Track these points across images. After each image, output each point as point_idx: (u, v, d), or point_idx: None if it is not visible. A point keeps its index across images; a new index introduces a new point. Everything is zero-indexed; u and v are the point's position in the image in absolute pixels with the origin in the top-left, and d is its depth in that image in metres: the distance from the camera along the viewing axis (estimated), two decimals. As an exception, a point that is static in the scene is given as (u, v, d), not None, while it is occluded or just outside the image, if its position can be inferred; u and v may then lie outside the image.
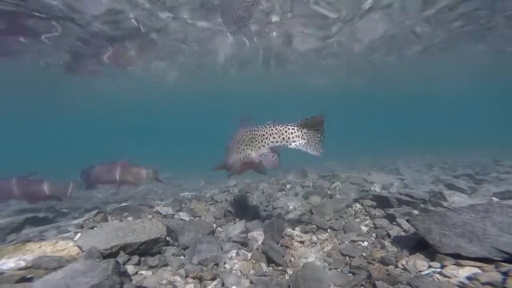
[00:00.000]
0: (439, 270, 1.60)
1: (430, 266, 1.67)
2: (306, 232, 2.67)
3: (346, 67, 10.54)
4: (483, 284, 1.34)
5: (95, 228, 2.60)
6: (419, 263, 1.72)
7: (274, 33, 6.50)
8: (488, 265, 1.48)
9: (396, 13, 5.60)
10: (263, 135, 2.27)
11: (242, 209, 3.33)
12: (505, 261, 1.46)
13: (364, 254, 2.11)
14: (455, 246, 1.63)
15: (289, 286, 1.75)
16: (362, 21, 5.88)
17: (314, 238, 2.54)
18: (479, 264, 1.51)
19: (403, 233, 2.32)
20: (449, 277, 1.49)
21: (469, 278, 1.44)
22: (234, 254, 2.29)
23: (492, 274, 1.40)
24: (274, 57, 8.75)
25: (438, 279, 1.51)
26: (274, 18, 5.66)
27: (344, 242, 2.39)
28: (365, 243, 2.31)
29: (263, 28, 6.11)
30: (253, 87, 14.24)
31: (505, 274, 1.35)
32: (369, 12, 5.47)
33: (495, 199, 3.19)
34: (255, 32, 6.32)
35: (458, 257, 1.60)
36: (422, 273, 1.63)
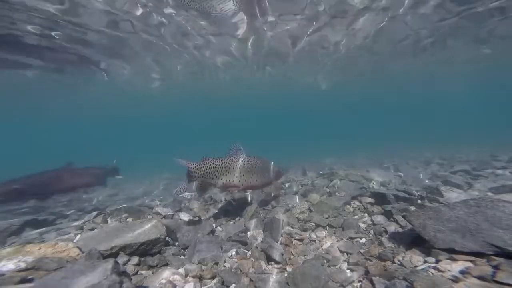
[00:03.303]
0: (434, 264, 1.63)
1: (425, 261, 1.71)
2: (305, 230, 2.70)
3: (344, 65, 10.56)
4: (475, 277, 1.37)
5: (95, 230, 2.62)
6: (415, 258, 1.76)
7: (272, 32, 6.50)
8: (480, 259, 1.52)
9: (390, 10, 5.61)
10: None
11: (242, 208, 3.35)
12: (497, 255, 1.50)
13: (362, 250, 2.14)
14: (449, 241, 1.66)
15: (287, 283, 1.77)
16: (359, 19, 5.89)
17: (313, 235, 2.57)
18: (472, 258, 1.54)
19: (400, 229, 2.35)
20: (443, 272, 1.52)
21: (462, 272, 1.47)
22: (233, 253, 2.32)
23: (484, 268, 1.43)
24: (272, 56, 8.75)
25: (432, 273, 1.55)
26: (270, 18, 5.64)
27: (342, 239, 2.42)
28: (363, 240, 2.34)
29: (260, 27, 6.10)
30: (254, 88, 14.24)
31: (495, 267, 1.39)
32: (365, 11, 5.48)
33: (490, 194, 3.23)
34: (252, 30, 6.30)
35: (452, 252, 1.63)
36: (418, 268, 1.66)
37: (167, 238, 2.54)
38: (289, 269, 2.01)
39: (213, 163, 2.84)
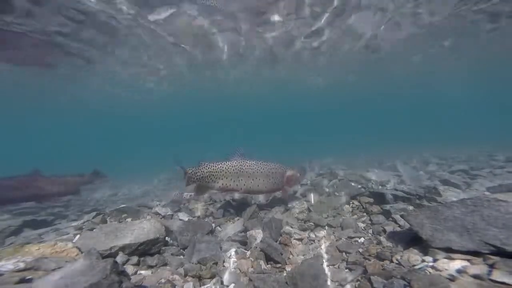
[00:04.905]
0: (431, 264, 1.65)
1: (423, 260, 1.72)
2: (304, 230, 2.71)
3: (343, 64, 10.59)
4: (471, 276, 1.39)
5: (94, 230, 2.62)
6: (413, 257, 1.77)
7: (271, 33, 6.51)
8: (476, 258, 1.53)
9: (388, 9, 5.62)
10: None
11: (241, 208, 3.36)
12: (493, 254, 1.51)
13: (360, 250, 2.15)
14: (447, 240, 1.67)
15: (286, 282, 1.78)
16: (355, 17, 5.88)
17: (312, 235, 2.58)
18: (468, 257, 1.55)
19: (398, 229, 2.36)
20: (440, 271, 1.54)
21: (458, 271, 1.48)
22: (233, 253, 2.32)
23: (480, 266, 1.45)
24: (270, 56, 8.75)
25: (430, 272, 1.56)
26: (272, 18, 5.66)
27: (341, 238, 2.43)
28: (362, 239, 2.35)
29: (258, 27, 6.11)
30: (253, 88, 14.25)
31: (491, 266, 1.41)
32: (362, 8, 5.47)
33: (487, 193, 3.25)
34: (250, 31, 6.31)
35: (450, 251, 1.64)
36: (416, 267, 1.67)
37: (166, 238, 2.55)
38: (288, 268, 2.02)
39: (209, 168, 2.92)
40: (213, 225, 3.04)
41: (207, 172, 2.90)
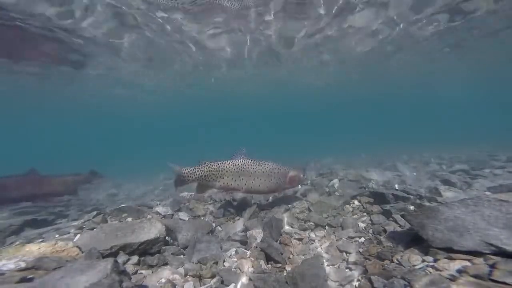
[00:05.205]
0: (432, 264, 1.64)
1: (423, 260, 1.72)
2: (304, 230, 2.71)
3: (343, 64, 10.58)
4: (472, 276, 1.39)
5: (94, 229, 2.62)
6: (413, 257, 1.77)
7: (269, 31, 6.49)
8: (477, 258, 1.53)
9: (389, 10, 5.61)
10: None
11: (241, 208, 3.36)
12: (493, 254, 1.51)
13: (361, 250, 2.15)
14: (447, 240, 1.67)
15: (287, 282, 1.78)
16: (355, 16, 5.86)
17: (312, 235, 2.58)
18: (469, 257, 1.55)
19: (399, 229, 2.36)
20: (441, 271, 1.54)
21: (459, 271, 1.48)
22: (233, 253, 2.33)
23: (480, 266, 1.44)
24: (269, 55, 8.74)
25: (430, 272, 1.56)
26: (267, 17, 5.65)
27: (341, 238, 2.43)
28: (362, 239, 2.35)
29: (257, 26, 6.09)
30: (253, 87, 14.25)
31: (492, 266, 1.40)
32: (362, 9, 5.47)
33: (488, 193, 3.25)
34: (249, 30, 6.29)
35: (450, 251, 1.64)
36: (416, 267, 1.67)
37: (166, 237, 2.55)
38: (288, 268, 2.02)
39: (210, 166, 2.92)
40: (213, 224, 3.04)
41: (207, 171, 2.91)
